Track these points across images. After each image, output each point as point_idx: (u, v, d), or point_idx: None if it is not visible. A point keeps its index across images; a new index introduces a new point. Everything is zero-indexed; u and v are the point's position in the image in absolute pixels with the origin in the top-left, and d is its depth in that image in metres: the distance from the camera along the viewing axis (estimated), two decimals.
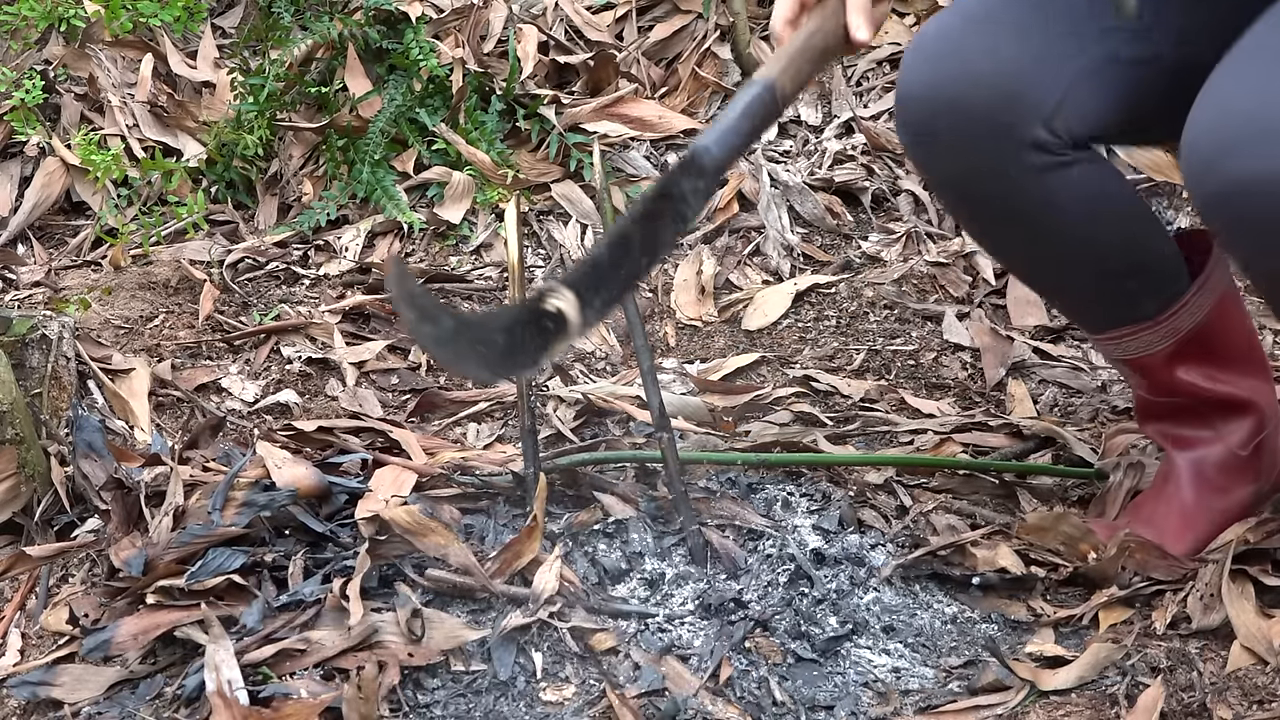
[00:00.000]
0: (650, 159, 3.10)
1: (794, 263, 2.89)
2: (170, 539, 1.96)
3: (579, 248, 2.93)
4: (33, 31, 3.37)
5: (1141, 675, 1.78)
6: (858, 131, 3.11)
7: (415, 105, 3.10)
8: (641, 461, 2.16)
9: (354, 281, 2.86)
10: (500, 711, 1.76)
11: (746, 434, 2.33)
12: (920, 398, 2.48)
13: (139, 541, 1.97)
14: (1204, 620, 1.84)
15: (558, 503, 2.10)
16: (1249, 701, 1.73)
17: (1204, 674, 1.77)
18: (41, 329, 2.27)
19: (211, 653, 1.76)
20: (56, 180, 3.14)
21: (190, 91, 3.37)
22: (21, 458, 2.13)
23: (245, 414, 2.46)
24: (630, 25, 3.36)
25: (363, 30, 3.16)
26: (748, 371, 2.58)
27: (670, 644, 1.85)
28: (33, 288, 2.83)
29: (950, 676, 1.84)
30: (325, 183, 3.10)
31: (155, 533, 1.98)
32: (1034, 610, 1.94)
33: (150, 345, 2.60)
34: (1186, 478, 2.00)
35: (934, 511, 2.10)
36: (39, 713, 1.83)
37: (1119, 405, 2.40)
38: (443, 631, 1.82)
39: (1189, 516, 1.98)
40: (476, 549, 1.96)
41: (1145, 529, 1.96)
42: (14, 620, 2.02)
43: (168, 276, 2.81)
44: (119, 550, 1.96)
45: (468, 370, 1.82)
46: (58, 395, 2.26)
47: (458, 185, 2.99)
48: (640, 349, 2.05)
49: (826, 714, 1.78)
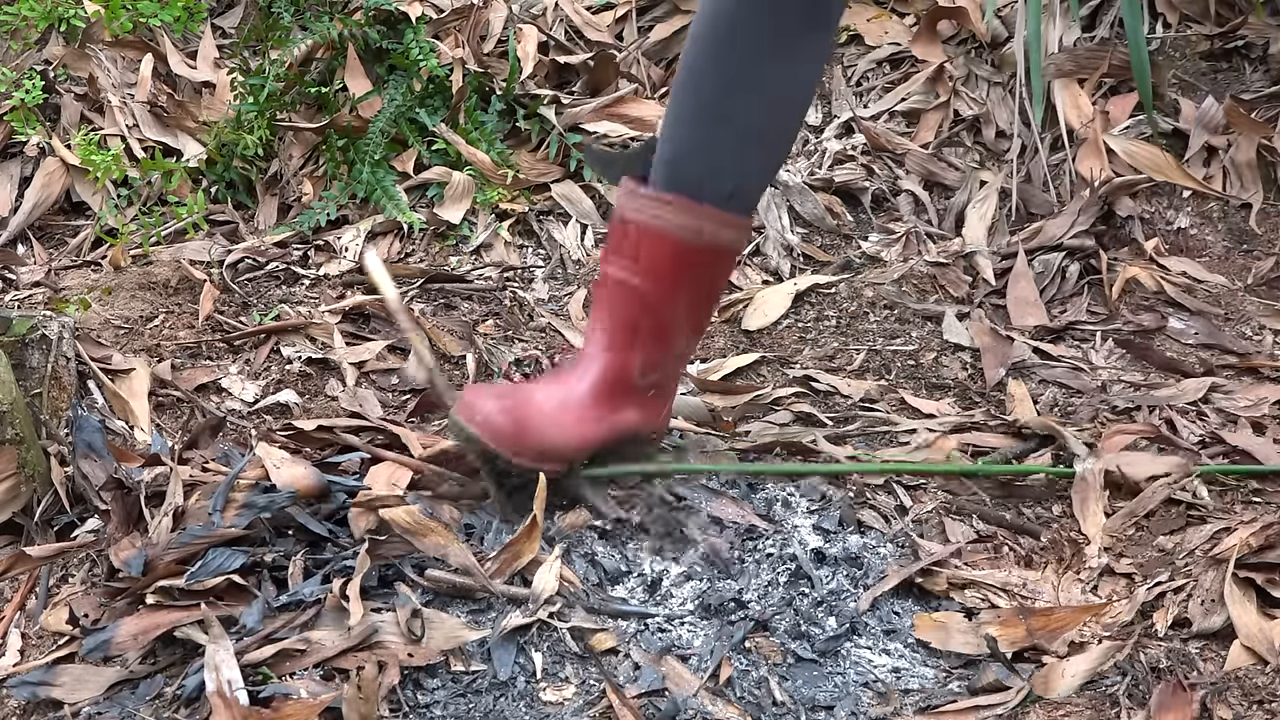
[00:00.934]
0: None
1: (794, 263, 2.89)
2: (170, 540, 1.96)
3: (579, 247, 2.93)
4: (33, 31, 3.37)
5: (1141, 675, 1.78)
6: (858, 131, 3.11)
7: (415, 105, 3.10)
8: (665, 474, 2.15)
9: (354, 281, 2.86)
10: (500, 711, 1.76)
11: (746, 434, 2.33)
12: (920, 398, 2.48)
13: (138, 542, 1.97)
14: (1205, 623, 1.84)
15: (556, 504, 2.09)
16: (1249, 701, 1.73)
17: (1204, 674, 1.77)
18: (41, 329, 2.27)
19: (211, 653, 1.76)
20: (56, 180, 3.14)
21: (190, 91, 3.37)
22: (21, 458, 2.13)
23: (245, 414, 2.46)
24: (630, 25, 3.36)
25: (363, 30, 3.16)
26: (747, 371, 2.58)
27: (670, 644, 1.85)
28: (33, 288, 2.83)
29: (950, 676, 1.84)
30: (325, 183, 3.10)
31: (155, 533, 1.98)
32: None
33: (150, 345, 2.60)
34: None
35: (933, 513, 2.10)
36: (39, 713, 1.83)
37: (1119, 405, 2.40)
38: (442, 632, 1.82)
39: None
40: (476, 549, 1.96)
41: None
42: (14, 620, 2.02)
43: (168, 277, 2.81)
44: (118, 551, 1.96)
45: None
46: (58, 395, 2.26)
47: (458, 185, 2.99)
48: None
49: (826, 714, 1.78)
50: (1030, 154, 3.01)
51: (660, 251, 1.96)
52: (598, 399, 2.00)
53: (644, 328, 1.99)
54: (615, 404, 2.01)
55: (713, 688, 1.79)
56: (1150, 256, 2.78)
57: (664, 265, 1.96)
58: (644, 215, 1.96)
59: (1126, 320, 2.66)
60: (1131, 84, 3.01)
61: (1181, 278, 2.73)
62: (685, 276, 1.98)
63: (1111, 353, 2.58)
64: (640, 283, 1.97)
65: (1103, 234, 2.84)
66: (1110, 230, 2.85)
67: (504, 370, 2.44)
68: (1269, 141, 2.93)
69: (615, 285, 1.99)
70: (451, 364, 2.62)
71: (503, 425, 1.96)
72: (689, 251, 1.96)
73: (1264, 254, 2.82)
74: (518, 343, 2.67)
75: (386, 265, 2.89)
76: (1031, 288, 2.76)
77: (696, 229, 1.94)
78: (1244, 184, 2.92)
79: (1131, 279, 2.72)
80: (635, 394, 2.03)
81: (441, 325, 2.70)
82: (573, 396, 2.00)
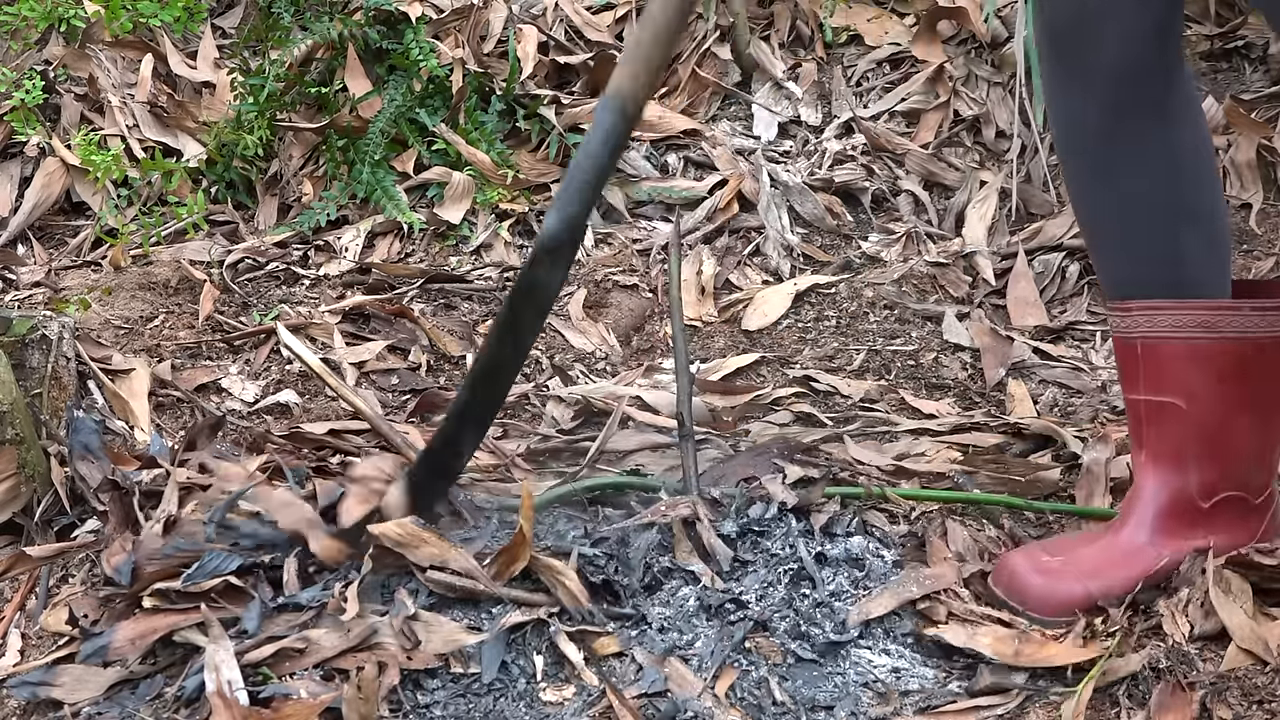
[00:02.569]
0: (650, 159, 3.10)
1: (794, 263, 2.89)
2: (157, 549, 1.95)
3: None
4: (33, 31, 3.37)
5: (1141, 675, 1.77)
6: (858, 131, 3.11)
7: (415, 105, 3.10)
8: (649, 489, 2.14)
9: (354, 282, 2.86)
10: (500, 711, 1.76)
11: (746, 434, 2.33)
12: (920, 398, 2.48)
13: (129, 546, 1.97)
14: (1205, 625, 1.83)
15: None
16: (1249, 701, 1.73)
17: (1204, 674, 1.76)
18: (41, 329, 2.27)
19: (211, 653, 1.75)
20: (56, 180, 3.14)
21: (190, 92, 3.37)
22: (21, 458, 2.13)
23: (245, 414, 2.46)
24: (630, 25, 3.36)
25: (363, 30, 3.16)
26: (748, 372, 2.58)
27: (672, 645, 1.85)
28: (33, 288, 2.83)
29: (950, 676, 1.84)
30: (325, 183, 3.10)
31: (146, 540, 1.97)
32: None
33: (150, 345, 2.60)
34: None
35: (934, 514, 2.10)
36: (39, 713, 1.83)
37: (1119, 405, 2.40)
38: (441, 635, 1.82)
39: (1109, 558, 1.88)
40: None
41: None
42: (14, 620, 2.02)
43: (168, 277, 2.81)
44: (110, 556, 1.96)
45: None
46: (58, 395, 2.26)
47: (458, 185, 2.99)
48: (680, 369, 2.15)
49: (826, 714, 1.78)
50: (1030, 154, 3.01)
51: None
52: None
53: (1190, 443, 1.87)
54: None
55: (713, 688, 1.79)
56: None
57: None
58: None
59: None
60: None
61: None
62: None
63: (1111, 353, 2.58)
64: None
65: None
66: None
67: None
68: (1269, 141, 2.93)
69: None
70: (451, 364, 2.62)
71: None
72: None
73: (1264, 254, 2.82)
74: None
75: (386, 265, 2.90)
76: (1031, 288, 2.76)
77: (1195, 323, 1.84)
78: (1244, 184, 2.92)
79: None
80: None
81: (441, 325, 2.70)
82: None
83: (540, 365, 2.61)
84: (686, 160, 3.11)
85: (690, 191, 3.01)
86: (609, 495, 2.13)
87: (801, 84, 3.23)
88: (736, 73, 3.27)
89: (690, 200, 2.99)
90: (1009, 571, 1.90)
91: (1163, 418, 1.86)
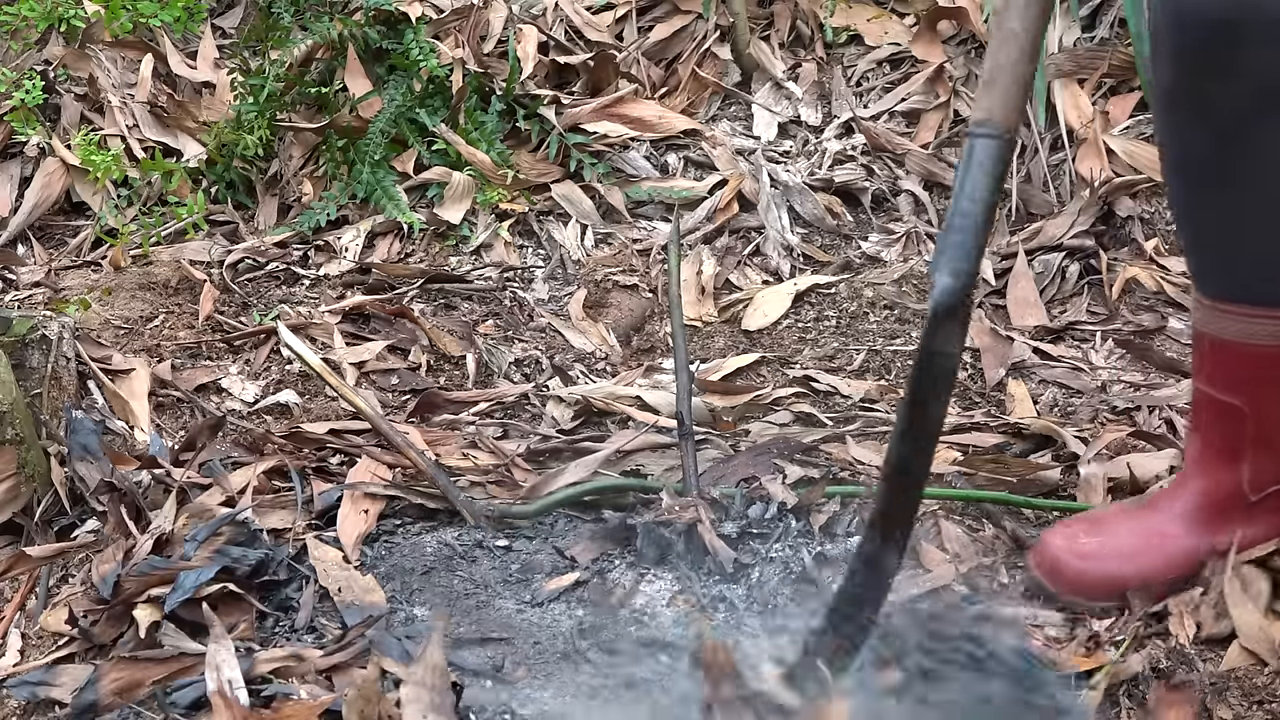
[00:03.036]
0: (650, 159, 3.10)
1: (794, 263, 2.89)
2: (139, 563, 1.93)
3: (578, 247, 2.93)
4: (33, 31, 3.37)
5: (1141, 675, 1.77)
6: (858, 131, 3.11)
7: (415, 105, 3.10)
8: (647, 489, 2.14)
9: (354, 282, 2.86)
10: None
11: (746, 434, 2.33)
12: None
13: (120, 554, 1.96)
14: (1215, 628, 1.83)
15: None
16: (1249, 701, 1.73)
17: (1204, 674, 1.76)
18: (41, 329, 2.27)
19: (212, 653, 1.75)
20: (56, 180, 3.14)
21: (190, 92, 3.37)
22: (21, 458, 2.13)
23: (245, 414, 2.46)
24: (630, 25, 3.36)
25: (363, 30, 3.16)
26: (748, 372, 2.58)
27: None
28: (33, 288, 2.83)
29: None
30: (325, 183, 3.10)
31: (137, 553, 1.96)
32: None
33: (150, 345, 2.60)
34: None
35: (934, 515, 2.10)
36: (39, 713, 1.83)
37: (1119, 405, 2.40)
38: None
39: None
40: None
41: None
42: (14, 620, 2.02)
43: (168, 277, 2.81)
44: (100, 564, 1.95)
45: None
46: (58, 395, 2.26)
47: (458, 186, 2.99)
48: (680, 368, 2.16)
49: None
50: (1030, 154, 3.01)
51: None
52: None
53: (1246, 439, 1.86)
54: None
55: None
56: (1150, 256, 2.78)
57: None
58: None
59: (1126, 320, 2.66)
60: (1132, 84, 3.01)
61: (1181, 278, 2.72)
62: None
63: (1111, 353, 2.58)
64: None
65: (1103, 234, 2.84)
66: (1110, 230, 2.85)
67: None
68: None
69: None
70: (451, 364, 2.62)
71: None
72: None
73: None
74: (517, 343, 2.67)
75: (386, 265, 2.90)
76: (1031, 288, 2.76)
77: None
78: None
79: (1131, 279, 2.72)
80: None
81: (441, 325, 2.70)
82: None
83: (540, 365, 2.61)
84: (686, 160, 3.11)
85: (690, 191, 3.01)
86: (609, 496, 2.13)
87: (801, 84, 3.24)
88: (736, 73, 3.27)
89: (690, 200, 2.99)
90: (1050, 557, 1.90)
91: (1223, 415, 1.86)
